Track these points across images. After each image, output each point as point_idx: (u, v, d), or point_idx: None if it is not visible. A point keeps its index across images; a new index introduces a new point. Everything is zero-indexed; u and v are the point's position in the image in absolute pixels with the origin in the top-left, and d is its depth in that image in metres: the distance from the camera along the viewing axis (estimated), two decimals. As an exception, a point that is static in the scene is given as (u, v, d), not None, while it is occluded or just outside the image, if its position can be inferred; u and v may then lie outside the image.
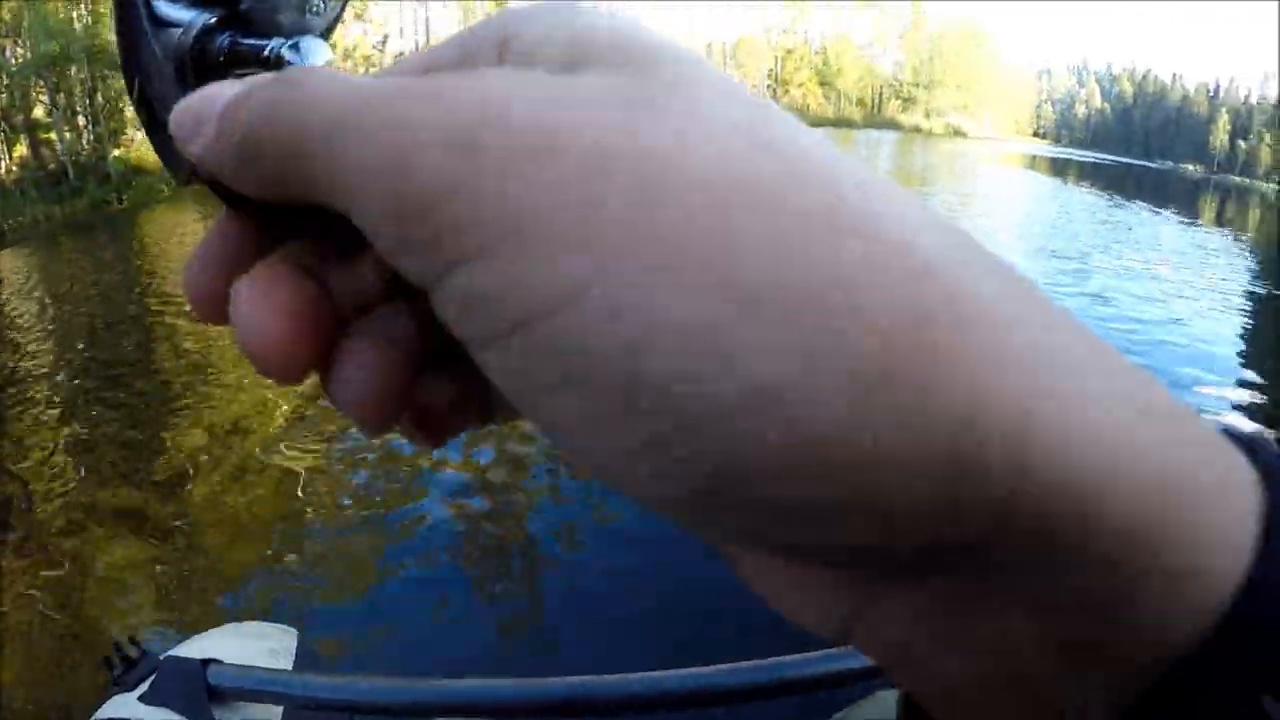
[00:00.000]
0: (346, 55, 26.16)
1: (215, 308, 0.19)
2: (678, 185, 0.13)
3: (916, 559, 0.15)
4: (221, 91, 0.18)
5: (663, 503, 0.15)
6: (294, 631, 1.23)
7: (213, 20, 0.29)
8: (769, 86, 40.79)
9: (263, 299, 0.18)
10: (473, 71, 0.16)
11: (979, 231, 12.00)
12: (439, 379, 0.20)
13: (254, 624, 1.29)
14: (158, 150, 0.30)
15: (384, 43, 26.95)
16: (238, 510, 3.93)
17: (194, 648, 1.04)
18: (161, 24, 0.28)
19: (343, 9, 0.35)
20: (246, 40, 0.30)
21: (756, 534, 0.15)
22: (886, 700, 0.90)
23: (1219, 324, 9.50)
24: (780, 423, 0.12)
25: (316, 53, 0.31)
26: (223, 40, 0.30)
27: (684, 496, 0.14)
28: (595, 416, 0.14)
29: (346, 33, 26.29)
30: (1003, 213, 19.28)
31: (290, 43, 0.30)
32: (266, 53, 0.30)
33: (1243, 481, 0.15)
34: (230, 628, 1.22)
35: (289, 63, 0.30)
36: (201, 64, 0.29)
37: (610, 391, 0.13)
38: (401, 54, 27.83)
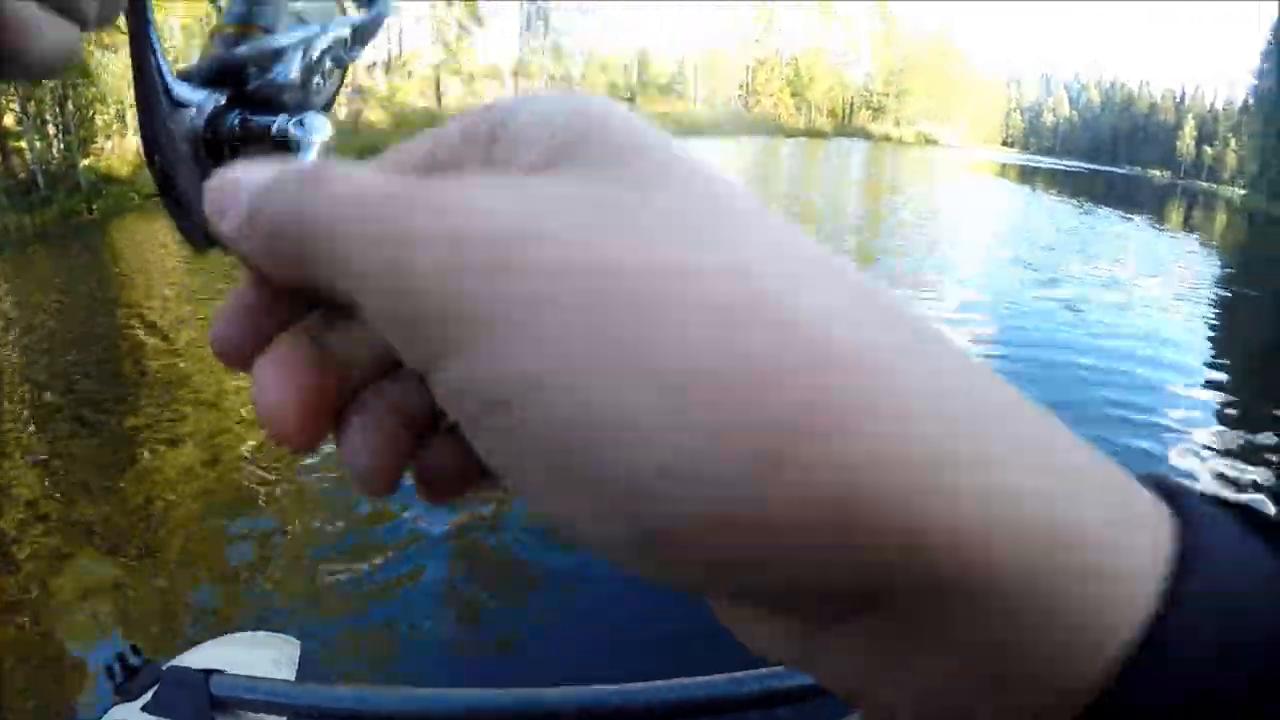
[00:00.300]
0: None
1: (240, 363, 0.22)
2: (620, 290, 0.16)
3: (834, 605, 0.17)
4: (250, 177, 0.20)
5: (613, 558, 0.17)
6: (296, 641, 1.22)
7: (223, 101, 0.33)
8: (740, 97, 41.26)
9: (281, 380, 0.20)
10: (459, 181, 0.18)
11: (947, 241, 12.36)
12: (445, 444, 0.22)
13: (257, 633, 1.31)
14: (174, 218, 0.34)
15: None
16: (207, 525, 3.91)
17: (196, 657, 1.05)
18: (177, 104, 0.32)
19: (341, 83, 0.42)
20: (255, 118, 0.33)
21: (694, 584, 0.17)
22: None
23: (1188, 327, 9.74)
24: (694, 494, 0.15)
25: (319, 128, 0.35)
26: (233, 119, 0.33)
27: (626, 553, 0.17)
28: (552, 486, 0.16)
29: (319, 41, 26.33)
30: (972, 220, 19.62)
31: (295, 119, 0.34)
32: (274, 130, 0.34)
33: (1152, 529, 0.17)
34: (233, 637, 1.23)
35: (295, 137, 0.34)
36: (215, 141, 0.32)
37: (561, 467, 0.16)
38: (374, 65, 28.44)
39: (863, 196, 19.11)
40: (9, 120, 21.27)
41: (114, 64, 21.57)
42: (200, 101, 0.34)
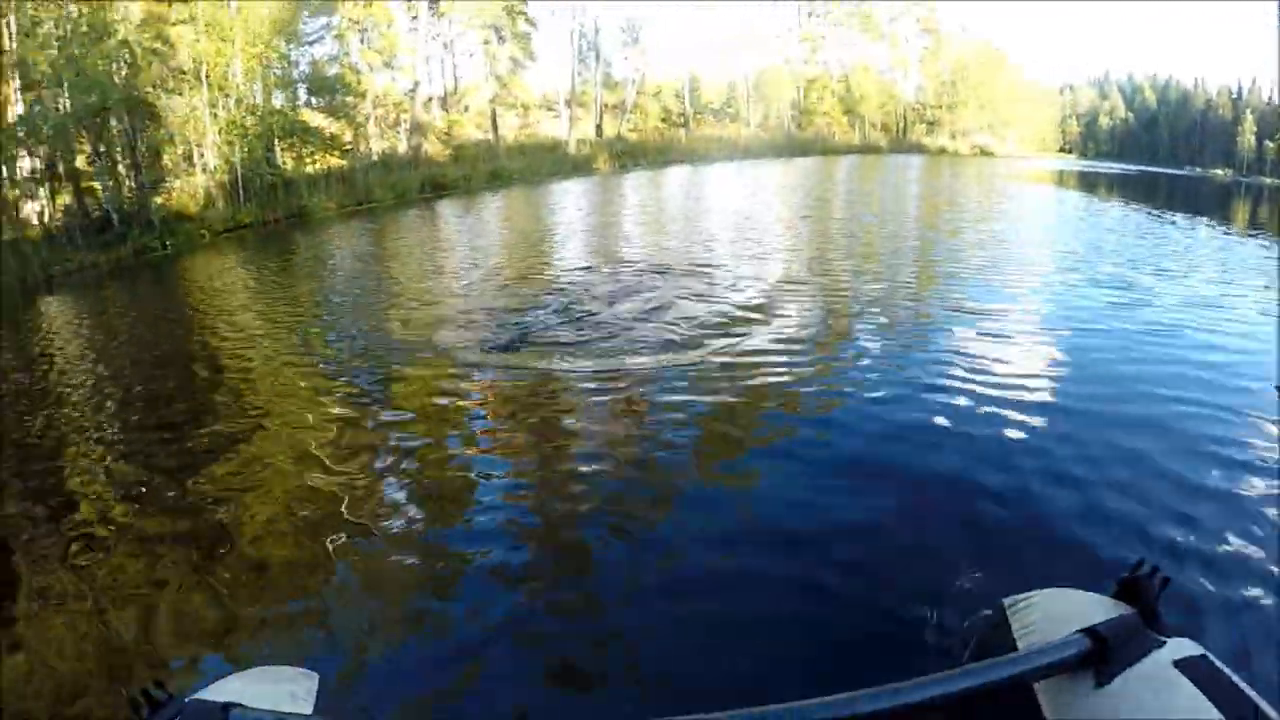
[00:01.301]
0: (377, 103, 26.57)
1: None
2: None
3: None
4: None
5: None
6: (315, 675, 1.24)
7: None
8: (793, 117, 40.84)
9: None
10: None
11: (1013, 262, 11.38)
12: None
13: (275, 668, 1.30)
14: None
15: (414, 89, 27.23)
16: (282, 534, 3.90)
17: (216, 691, 1.08)
18: None
19: None
20: None
21: None
22: None
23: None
24: None
25: None
26: None
27: None
28: None
29: (376, 80, 26.71)
30: (1037, 236, 18.56)
31: None
32: None
33: None
34: (252, 672, 1.23)
35: None
36: None
37: None
38: (430, 100, 28.77)
39: (920, 212, 18.00)
40: (80, 161, 21.78)
41: (180, 107, 22.06)
42: None
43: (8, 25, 20.75)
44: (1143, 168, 60.43)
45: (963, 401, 5.14)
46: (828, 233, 11.66)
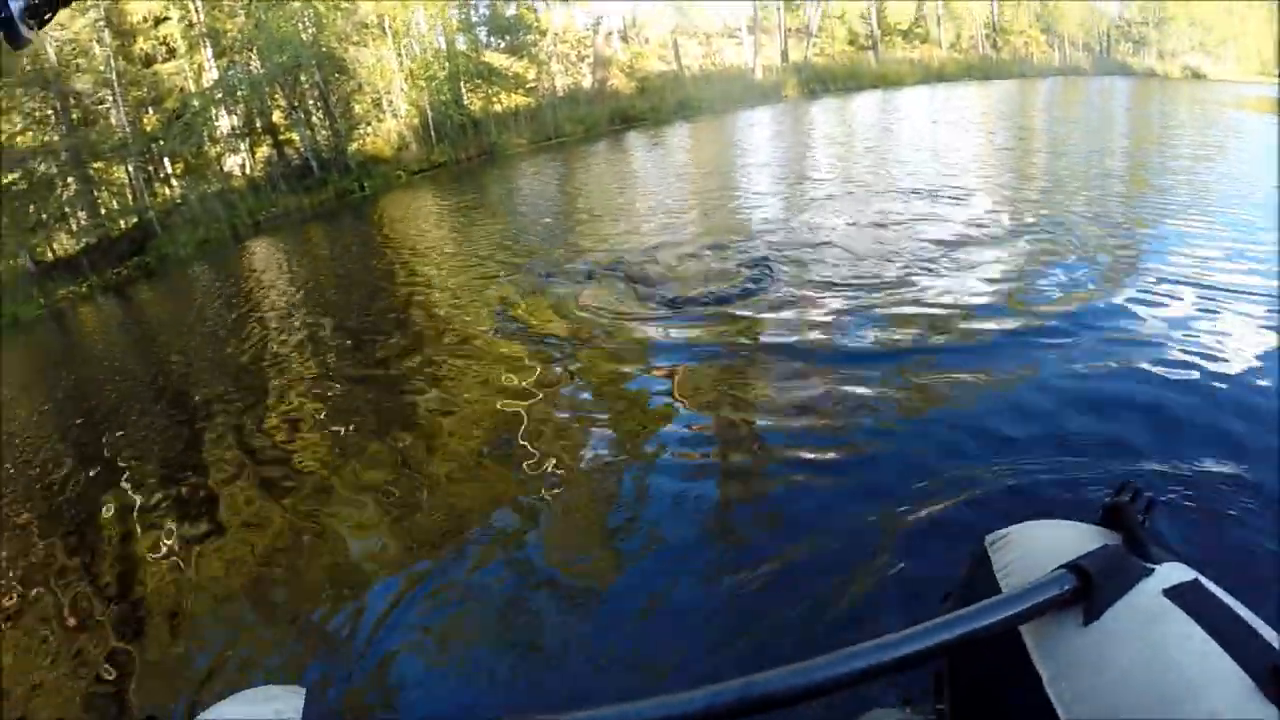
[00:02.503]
0: (557, 39, 25.64)
1: None
2: None
3: None
4: None
5: None
6: (302, 690, 1.08)
7: None
8: (988, 37, 37.23)
9: None
10: None
11: (1235, 200, 7.68)
12: None
13: (260, 689, 1.12)
14: (10, 41, 0.83)
15: (595, 23, 26.15)
16: (472, 457, 3.74)
17: (210, 716, 0.98)
18: None
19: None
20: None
21: None
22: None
23: None
24: None
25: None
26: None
27: None
28: None
29: (554, 16, 25.79)
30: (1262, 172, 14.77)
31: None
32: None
33: None
34: (237, 695, 1.08)
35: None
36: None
37: None
38: (610, 33, 27.72)
39: (1131, 138, 13.90)
40: (276, 116, 22.31)
41: (367, 58, 22.04)
42: None
43: (196, -2, 21.44)
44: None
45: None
46: (1036, 170, 8.88)
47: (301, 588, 2.99)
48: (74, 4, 0.96)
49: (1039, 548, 1.20)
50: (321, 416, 4.78)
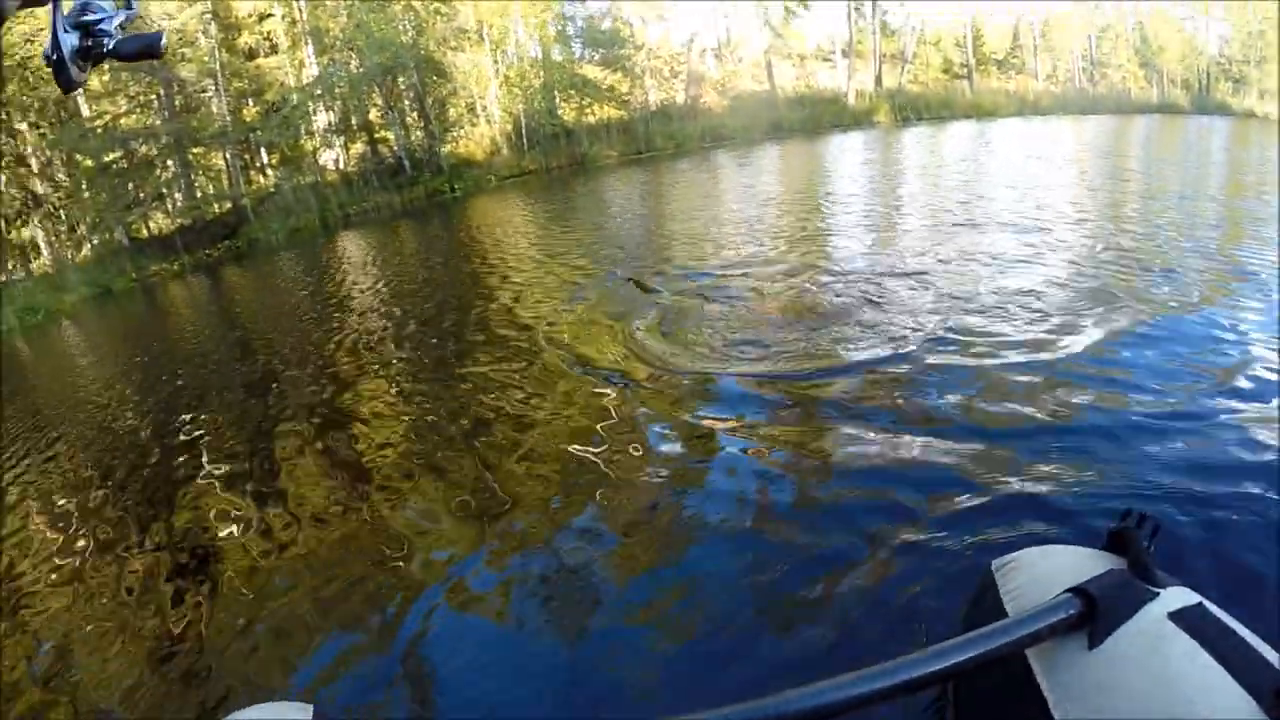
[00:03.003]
0: (651, 55, 25.57)
1: None
2: None
3: None
4: None
5: None
6: (310, 707, 1.19)
7: (78, 35, 0.84)
8: (1084, 70, 36.33)
9: None
10: None
11: None
12: None
13: (270, 704, 1.25)
14: (59, 81, 0.84)
15: (690, 41, 26.03)
16: (548, 456, 3.64)
17: None
18: (66, 33, 0.82)
19: (125, 24, 0.89)
20: (93, 45, 0.84)
21: None
22: None
23: None
24: None
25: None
26: (83, 44, 0.84)
27: None
28: None
29: (649, 32, 25.75)
30: None
31: (108, 47, 0.86)
32: (106, 49, 0.85)
33: None
34: (247, 710, 1.19)
35: (107, 48, 0.85)
36: (81, 50, 0.83)
37: None
38: (704, 51, 27.61)
39: (1229, 183, 12.82)
40: (372, 114, 22.54)
41: (464, 63, 22.25)
42: (71, 36, 0.81)
43: (299, -3, 21.89)
44: None
45: None
46: (1131, 213, 8.32)
47: (362, 582, 2.92)
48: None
49: (1045, 572, 1.24)
50: (396, 410, 4.75)
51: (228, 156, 21.39)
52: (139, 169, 20.48)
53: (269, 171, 22.03)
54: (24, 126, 19.90)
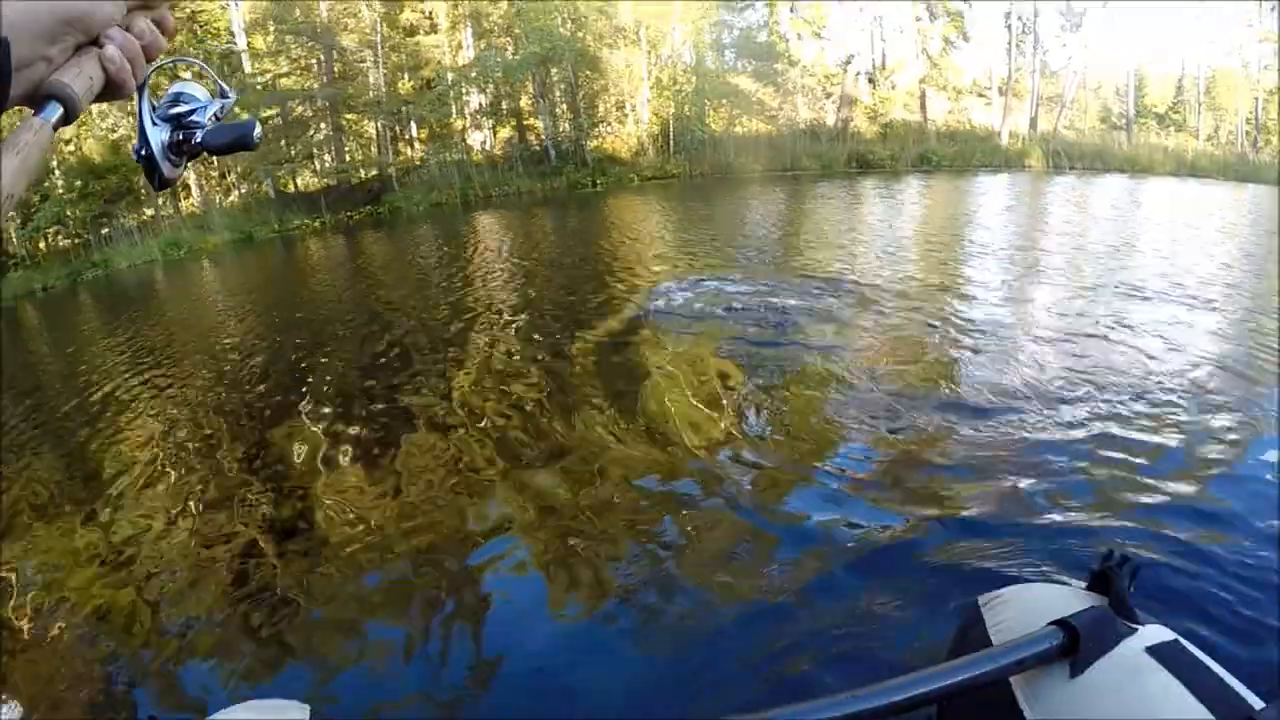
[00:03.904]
0: (805, 72, 25.15)
1: None
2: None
3: None
4: None
5: None
6: (306, 707, 1.22)
7: (169, 128, 0.77)
8: (1248, 134, 34.38)
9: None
10: None
11: None
12: None
13: (268, 701, 1.27)
14: (149, 179, 0.78)
15: (848, 62, 25.47)
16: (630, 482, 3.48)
17: None
18: (154, 125, 0.76)
19: (219, 118, 0.81)
20: (183, 138, 0.77)
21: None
22: None
23: None
24: None
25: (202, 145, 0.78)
26: (174, 136, 0.77)
27: None
28: None
29: (805, 49, 25.34)
30: None
31: (199, 140, 0.78)
32: (193, 142, 0.77)
33: None
34: (247, 705, 1.21)
35: (199, 144, 0.78)
36: (173, 145, 0.76)
37: None
38: (859, 74, 26.99)
39: None
40: (523, 102, 22.76)
41: (619, 62, 22.26)
42: (162, 130, 0.76)
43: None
44: None
45: None
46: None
47: (441, 567, 2.96)
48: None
49: (1029, 607, 1.29)
50: (504, 396, 4.70)
51: (379, 126, 21.82)
52: (293, 127, 21.05)
53: (416, 145, 22.46)
54: (188, 75, 20.61)
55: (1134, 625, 1.16)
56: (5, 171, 0.56)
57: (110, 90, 0.67)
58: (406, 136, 22.61)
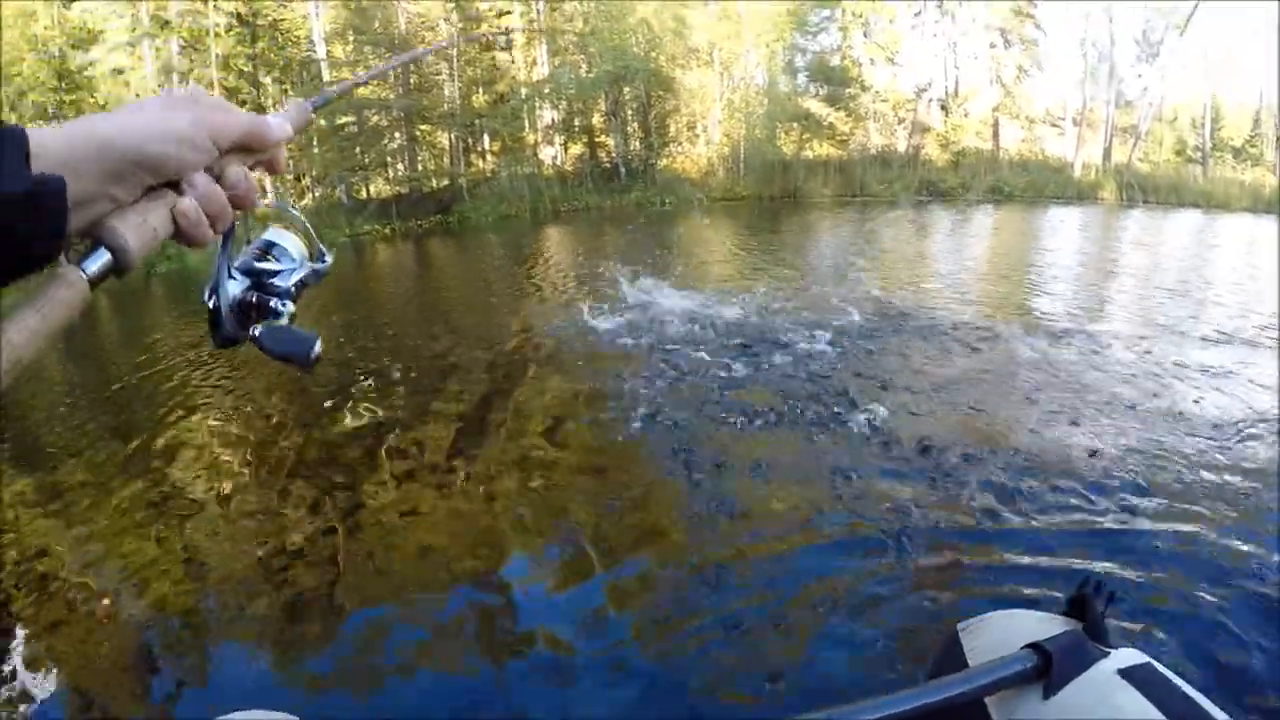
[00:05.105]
0: (877, 98, 24.99)
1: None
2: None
3: None
4: None
5: None
6: (295, 719, 1.23)
7: (248, 285, 0.70)
8: (1326, 171, 33.38)
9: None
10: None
11: None
12: None
13: (255, 712, 1.27)
14: (214, 335, 0.70)
15: (923, 90, 25.23)
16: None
17: None
18: (230, 279, 0.69)
19: (302, 288, 0.73)
20: (262, 298, 0.70)
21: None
22: None
23: None
24: None
25: (290, 309, 0.70)
26: (251, 297, 0.70)
27: None
28: None
29: (878, 75, 25.17)
30: None
31: (282, 302, 0.71)
32: (271, 305, 0.70)
33: None
34: (231, 716, 1.20)
35: (281, 311, 0.70)
36: (245, 304, 0.69)
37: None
38: (931, 101, 26.73)
39: None
40: (595, 119, 23.07)
41: (690, 82, 22.39)
42: (239, 284, 0.70)
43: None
44: None
45: None
46: None
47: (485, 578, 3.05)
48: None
49: (1005, 632, 1.34)
50: (551, 422, 4.68)
51: (452, 137, 22.21)
52: (368, 135, 21.39)
53: (488, 157, 22.77)
54: (268, 80, 21.17)
55: (1107, 649, 1.20)
56: (20, 329, 0.47)
57: (180, 239, 0.60)
58: (479, 149, 22.96)
